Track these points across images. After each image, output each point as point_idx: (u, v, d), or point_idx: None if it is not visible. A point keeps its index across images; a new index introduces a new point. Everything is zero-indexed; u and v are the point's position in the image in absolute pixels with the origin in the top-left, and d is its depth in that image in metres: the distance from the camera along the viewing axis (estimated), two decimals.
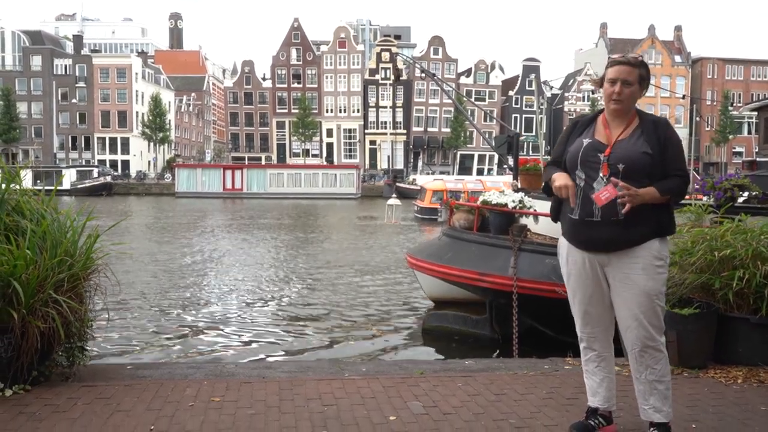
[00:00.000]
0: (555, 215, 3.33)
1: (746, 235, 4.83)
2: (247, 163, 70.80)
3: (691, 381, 4.26)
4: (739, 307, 4.70)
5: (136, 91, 78.90)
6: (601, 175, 3.04)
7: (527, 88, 77.28)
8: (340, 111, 78.60)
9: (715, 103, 75.70)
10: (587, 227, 3.10)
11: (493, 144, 13.15)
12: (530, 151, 66.29)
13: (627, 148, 3.04)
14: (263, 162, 74.29)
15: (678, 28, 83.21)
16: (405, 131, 76.92)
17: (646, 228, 3.04)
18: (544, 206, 8.86)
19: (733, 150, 75.24)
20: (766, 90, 75.95)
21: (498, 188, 9.66)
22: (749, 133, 71.96)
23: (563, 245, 3.29)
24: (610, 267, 3.11)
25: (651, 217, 3.03)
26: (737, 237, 4.83)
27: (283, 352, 8.16)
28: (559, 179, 3.10)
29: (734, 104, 74.66)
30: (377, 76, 77.27)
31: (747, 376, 4.36)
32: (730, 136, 72.45)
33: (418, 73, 72.04)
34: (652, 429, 3.17)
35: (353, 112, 78.47)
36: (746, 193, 6.97)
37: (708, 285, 4.78)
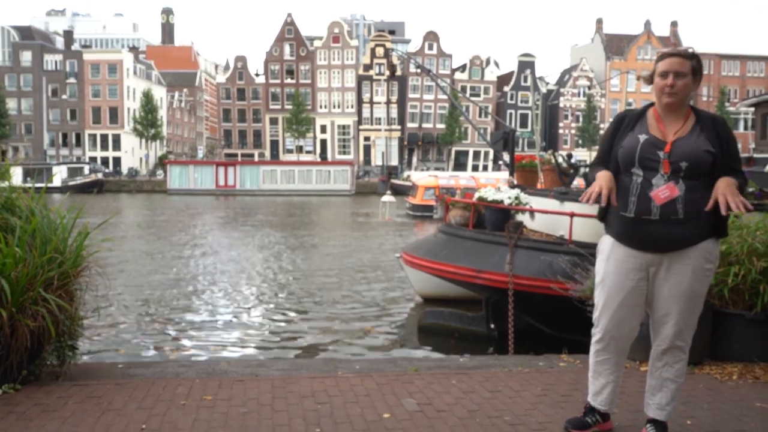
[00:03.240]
0: (603, 214, 3.20)
1: (742, 231, 4.83)
2: (239, 159, 70.58)
3: (687, 377, 4.21)
4: (734, 303, 4.70)
5: (128, 86, 78.55)
6: (661, 172, 2.95)
7: (522, 83, 77.41)
8: (334, 107, 78.47)
9: (711, 99, 75.93)
10: (643, 225, 2.99)
11: (489, 140, 13.14)
12: (526, 148, 66.44)
13: (689, 146, 2.95)
14: (256, 158, 74.08)
15: (674, 24, 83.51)
16: (399, 127, 76.92)
17: (704, 228, 2.96)
18: (540, 203, 8.86)
19: None
20: (762, 86, 76.29)
21: (491, 184, 9.64)
22: (746, 129, 72.28)
23: (607, 243, 3.18)
24: (659, 266, 3.03)
25: (709, 217, 2.94)
26: (733, 233, 4.82)
27: (276, 350, 8.13)
28: (601, 179, 2.99)
29: (730, 100, 74.92)
30: (371, 72, 77.17)
31: (742, 372, 4.37)
32: None
33: (412, 68, 72.00)
34: (648, 425, 3.15)
35: (347, 108, 78.35)
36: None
37: None
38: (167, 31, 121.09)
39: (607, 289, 3.15)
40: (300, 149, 76.60)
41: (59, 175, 55.62)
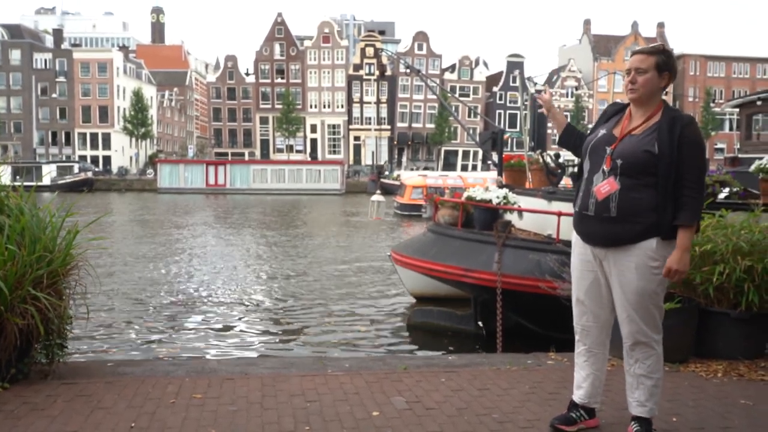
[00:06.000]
0: (575, 204, 3.30)
1: (727, 231, 4.88)
2: (230, 158, 70.38)
3: (672, 375, 4.29)
4: (719, 301, 4.75)
5: (118, 85, 78.04)
6: (603, 167, 3.02)
7: (511, 84, 77.57)
8: (324, 106, 78.35)
9: (697, 100, 76.40)
10: (584, 220, 3.11)
11: (478, 140, 13.18)
12: (514, 148, 66.54)
13: (630, 144, 2.99)
14: (246, 158, 73.86)
15: (661, 25, 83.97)
16: (389, 127, 76.89)
17: (641, 227, 2.96)
18: (528, 202, 8.90)
19: (715, 146, 76.03)
20: (747, 87, 76.78)
21: (478, 184, 9.67)
22: (731, 129, 72.71)
23: (574, 234, 3.29)
24: (607, 261, 3.09)
25: (648, 216, 2.95)
26: (718, 232, 4.87)
27: (265, 349, 8.12)
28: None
29: (716, 101, 75.44)
30: (361, 72, 77.10)
31: (727, 370, 4.42)
32: (712, 133, 73.20)
33: (402, 68, 71.97)
34: (633, 423, 3.18)
35: (337, 107, 78.25)
36: (727, 189, 7.04)
37: (689, 280, 4.82)
38: (157, 30, 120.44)
39: (575, 280, 3.28)
40: (290, 148, 76.45)
41: (49, 173, 55.22)
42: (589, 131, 3.31)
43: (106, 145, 77.25)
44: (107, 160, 76.27)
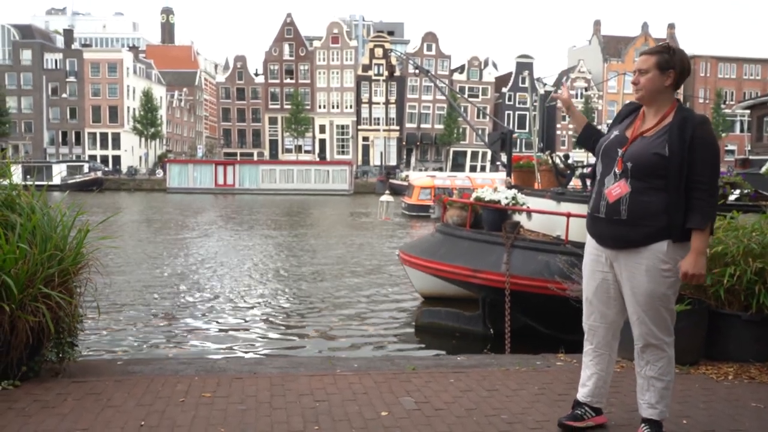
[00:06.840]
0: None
1: (737, 233, 4.86)
2: (239, 158, 70.61)
3: (683, 377, 4.27)
4: (730, 303, 4.73)
5: (128, 86, 78.45)
6: (615, 170, 3.02)
7: (520, 84, 77.46)
8: (333, 107, 78.47)
9: (707, 101, 76.02)
10: (596, 222, 3.12)
11: (487, 141, 13.16)
12: (523, 148, 66.45)
13: (641, 146, 2.97)
14: (255, 158, 74.08)
15: (671, 26, 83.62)
16: (398, 127, 76.91)
17: (652, 229, 2.94)
18: (537, 203, 8.88)
19: (726, 148, 75.63)
20: (758, 88, 76.36)
21: (487, 185, 9.66)
22: (742, 131, 72.38)
23: (588, 235, 3.29)
24: (618, 263, 3.09)
25: (658, 220, 2.93)
26: (729, 234, 4.85)
27: (274, 348, 8.14)
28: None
29: (727, 102, 75.06)
30: (370, 72, 77.18)
31: (738, 373, 4.39)
32: (723, 134, 72.81)
33: (411, 69, 72.01)
34: (643, 425, 3.17)
35: (346, 108, 78.34)
36: (738, 191, 7.00)
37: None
38: (167, 30, 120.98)
39: (585, 279, 3.28)
40: (299, 149, 76.61)
41: (59, 173, 55.55)
42: (607, 131, 3.31)
43: (116, 144, 77.68)
44: (117, 159, 76.69)
